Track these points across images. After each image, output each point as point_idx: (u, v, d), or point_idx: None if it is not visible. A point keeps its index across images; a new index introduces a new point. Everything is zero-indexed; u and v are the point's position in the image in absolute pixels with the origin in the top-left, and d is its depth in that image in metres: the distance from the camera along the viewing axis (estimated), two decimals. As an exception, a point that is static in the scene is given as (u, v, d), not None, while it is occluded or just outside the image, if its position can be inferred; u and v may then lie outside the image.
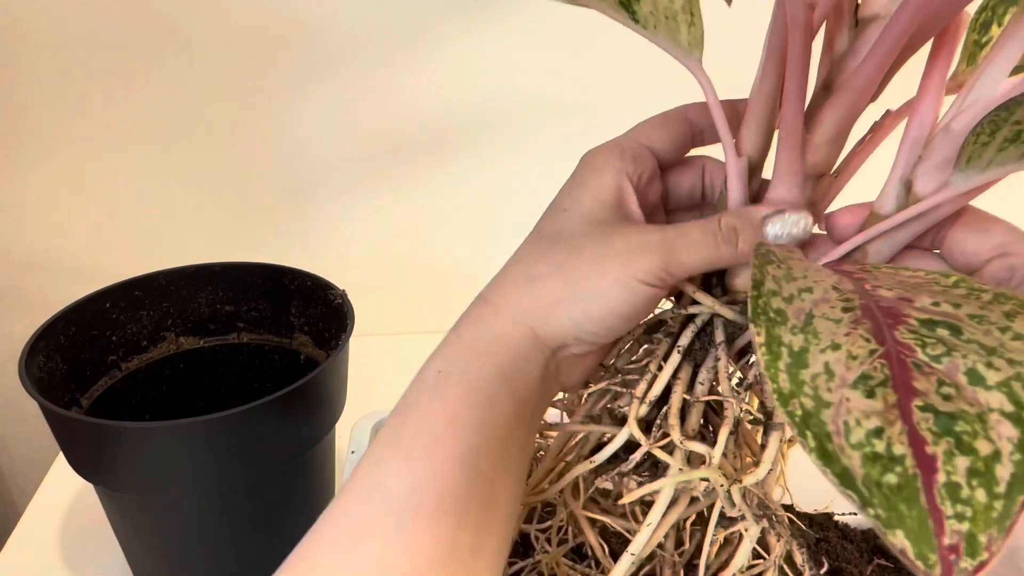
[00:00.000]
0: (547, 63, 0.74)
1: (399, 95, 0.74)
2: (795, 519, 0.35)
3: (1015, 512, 0.16)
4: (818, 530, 0.54)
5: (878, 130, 0.32)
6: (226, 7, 0.69)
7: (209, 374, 0.61)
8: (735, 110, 0.32)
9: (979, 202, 0.28)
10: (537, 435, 0.39)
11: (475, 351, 0.29)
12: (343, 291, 0.56)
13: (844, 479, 0.17)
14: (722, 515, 0.32)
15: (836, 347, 0.19)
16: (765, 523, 0.31)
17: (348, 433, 0.55)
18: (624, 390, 0.33)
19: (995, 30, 0.30)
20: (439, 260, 0.84)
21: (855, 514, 0.57)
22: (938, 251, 0.29)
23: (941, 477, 0.17)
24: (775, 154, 0.30)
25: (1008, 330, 0.19)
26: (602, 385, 0.34)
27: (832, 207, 0.32)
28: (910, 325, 0.20)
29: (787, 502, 0.57)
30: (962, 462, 0.17)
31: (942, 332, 0.20)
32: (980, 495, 0.16)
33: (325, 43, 0.71)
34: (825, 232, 0.31)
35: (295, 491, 0.53)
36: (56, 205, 0.77)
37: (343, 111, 0.75)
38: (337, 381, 0.52)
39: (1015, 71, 0.26)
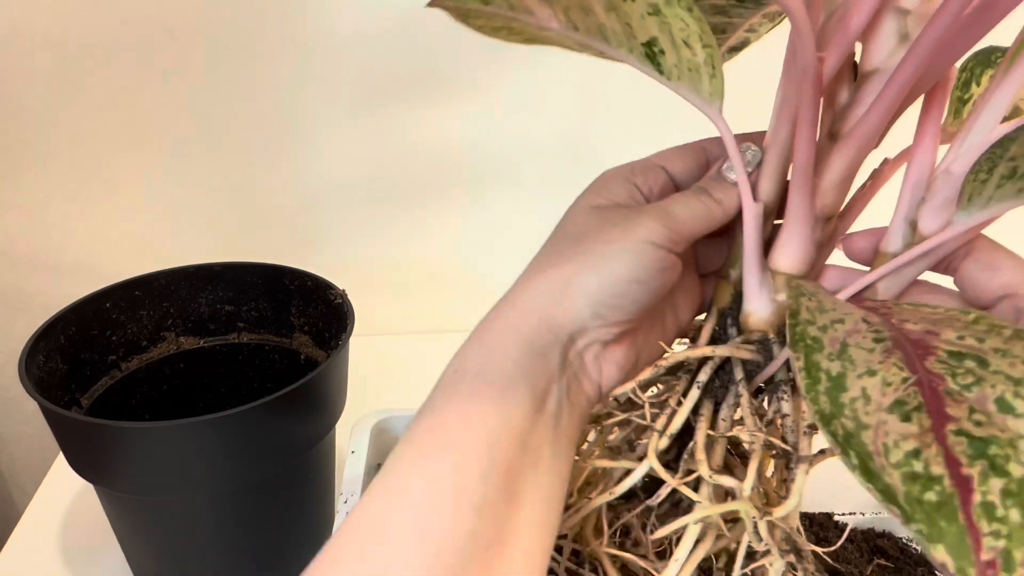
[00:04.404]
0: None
1: (401, 102, 0.74)
2: (821, 553, 0.35)
3: None
4: (818, 530, 0.54)
5: (878, 177, 0.34)
6: (230, 9, 0.69)
7: (209, 374, 0.61)
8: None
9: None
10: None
11: (489, 347, 0.30)
12: (343, 291, 0.56)
13: (887, 495, 0.18)
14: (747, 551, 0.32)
15: (872, 373, 0.21)
16: (792, 557, 0.31)
17: (348, 433, 0.55)
18: (645, 422, 0.33)
19: (975, 88, 0.34)
20: (439, 261, 0.84)
21: (855, 514, 0.57)
22: (951, 277, 0.31)
23: (977, 497, 0.18)
24: (788, 198, 0.32)
25: None
26: (620, 417, 0.34)
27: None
28: (939, 356, 0.22)
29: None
30: (996, 483, 0.18)
31: (970, 364, 0.21)
32: (1014, 515, 0.17)
33: (328, 45, 0.71)
34: (836, 265, 0.33)
35: (295, 491, 0.53)
36: (56, 205, 0.77)
37: (344, 114, 0.75)
38: (337, 381, 0.52)
39: (1005, 120, 0.28)
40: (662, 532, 0.31)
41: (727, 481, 0.31)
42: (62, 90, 0.71)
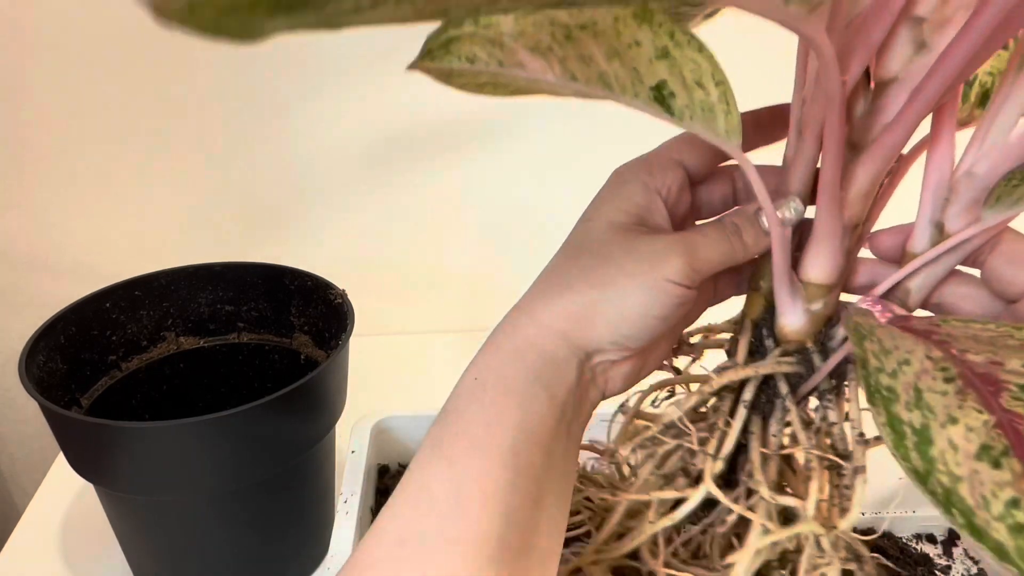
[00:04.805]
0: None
1: (400, 101, 0.74)
2: (889, 564, 0.36)
3: None
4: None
5: (895, 174, 0.34)
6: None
7: (209, 374, 0.61)
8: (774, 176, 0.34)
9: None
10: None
11: (510, 357, 0.30)
12: (343, 291, 0.56)
13: (1000, 553, 0.17)
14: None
15: (954, 421, 0.20)
16: (853, 565, 0.31)
17: (348, 433, 0.55)
18: (696, 447, 0.33)
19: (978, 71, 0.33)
20: (438, 260, 0.84)
21: (855, 514, 0.57)
22: (978, 270, 0.31)
23: None
24: (815, 214, 0.32)
25: None
26: (672, 444, 0.35)
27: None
28: (1012, 392, 0.21)
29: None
30: None
31: None
32: None
33: (327, 44, 0.71)
34: (865, 259, 0.33)
35: (295, 491, 0.53)
36: (56, 205, 0.77)
37: (343, 114, 0.75)
38: (337, 381, 0.52)
39: None
40: (733, 557, 0.31)
41: (788, 501, 0.31)
42: (62, 89, 0.71)
